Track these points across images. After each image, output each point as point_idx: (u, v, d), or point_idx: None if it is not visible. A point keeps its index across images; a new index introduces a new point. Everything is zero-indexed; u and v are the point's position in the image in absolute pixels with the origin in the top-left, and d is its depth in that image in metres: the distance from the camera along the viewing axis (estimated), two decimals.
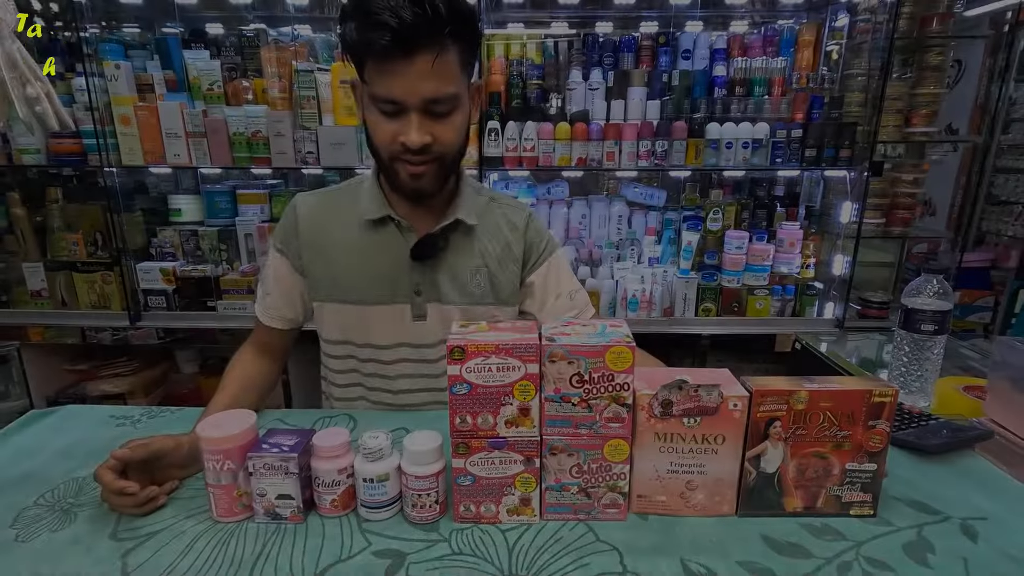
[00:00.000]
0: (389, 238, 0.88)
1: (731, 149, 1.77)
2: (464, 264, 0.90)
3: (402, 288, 0.89)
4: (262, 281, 0.96)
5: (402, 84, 0.73)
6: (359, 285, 0.89)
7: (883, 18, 1.71)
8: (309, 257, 0.90)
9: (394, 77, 0.72)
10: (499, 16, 2.03)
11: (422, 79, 0.72)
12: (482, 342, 0.59)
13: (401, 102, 0.74)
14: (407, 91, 0.73)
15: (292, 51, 1.78)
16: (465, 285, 0.90)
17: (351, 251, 0.89)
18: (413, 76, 0.72)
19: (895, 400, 0.61)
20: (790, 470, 0.64)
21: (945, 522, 0.64)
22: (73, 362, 2.03)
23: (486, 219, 0.93)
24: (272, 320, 0.95)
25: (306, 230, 0.90)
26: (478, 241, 0.91)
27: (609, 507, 0.65)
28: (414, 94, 0.73)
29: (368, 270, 0.88)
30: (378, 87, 0.74)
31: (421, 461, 0.63)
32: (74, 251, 1.91)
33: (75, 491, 0.70)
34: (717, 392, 0.62)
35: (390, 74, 0.72)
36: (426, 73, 0.72)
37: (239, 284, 1.86)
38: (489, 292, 0.92)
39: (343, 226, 0.89)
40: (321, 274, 0.90)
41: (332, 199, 0.93)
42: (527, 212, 0.96)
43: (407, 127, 0.75)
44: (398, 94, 0.73)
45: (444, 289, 0.90)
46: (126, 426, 0.88)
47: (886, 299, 1.87)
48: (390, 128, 0.77)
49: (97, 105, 1.73)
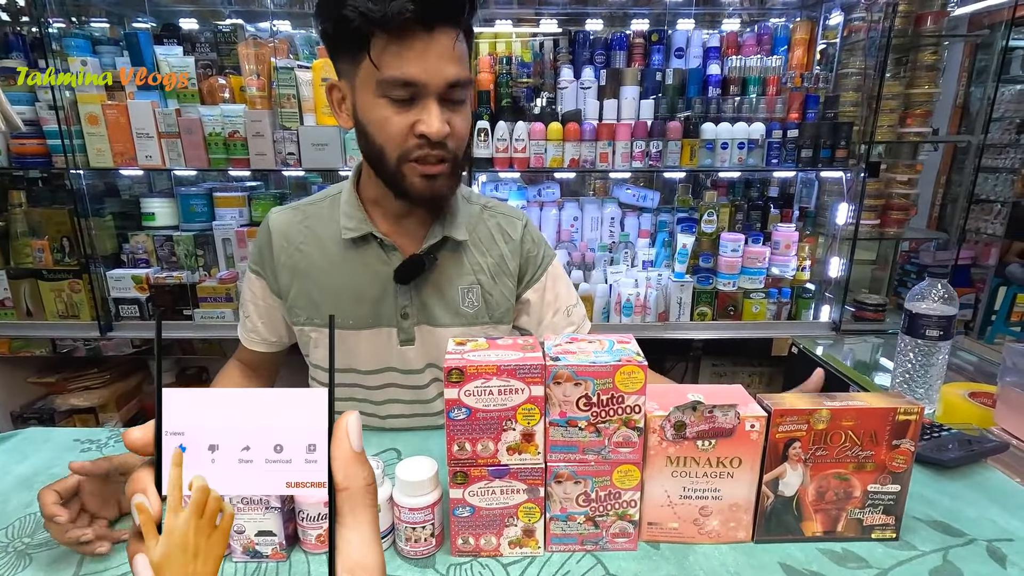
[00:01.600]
0: (371, 258, 0.81)
1: (726, 149, 1.74)
2: (455, 283, 0.83)
3: (387, 311, 0.82)
4: (242, 304, 0.90)
5: (423, 63, 0.65)
6: (340, 309, 0.81)
7: (878, 16, 1.69)
8: (285, 280, 0.83)
9: (415, 55, 0.65)
10: (487, 13, 1.98)
11: (444, 59, 0.66)
12: (482, 363, 0.54)
13: (422, 84, 0.66)
14: (430, 72, 0.66)
15: (271, 47, 1.71)
16: (456, 305, 0.84)
17: (330, 273, 0.81)
18: (435, 55, 0.66)
19: (920, 418, 0.58)
20: (809, 493, 0.60)
21: (971, 545, 0.61)
22: (40, 374, 1.93)
23: (478, 230, 0.86)
24: (254, 344, 0.89)
25: (281, 251, 0.82)
26: (469, 256, 0.85)
27: (618, 536, 0.61)
28: (438, 75, 0.66)
29: (349, 293, 0.81)
30: (392, 68, 0.66)
31: (415, 492, 0.58)
32: (39, 258, 1.81)
33: (32, 528, 0.64)
34: (734, 412, 0.57)
35: (410, 52, 0.65)
36: (448, 53, 0.66)
37: (217, 292, 1.78)
38: (484, 311, 0.85)
39: (320, 245, 0.82)
40: (299, 298, 0.83)
41: (307, 214, 0.84)
42: (522, 221, 0.89)
43: (426, 114, 0.67)
44: (419, 74, 0.66)
45: (434, 311, 0.83)
46: (92, 451, 0.81)
47: (882, 302, 1.86)
48: (403, 119, 0.68)
49: (62, 103, 1.64)
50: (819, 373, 0.81)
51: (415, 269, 0.79)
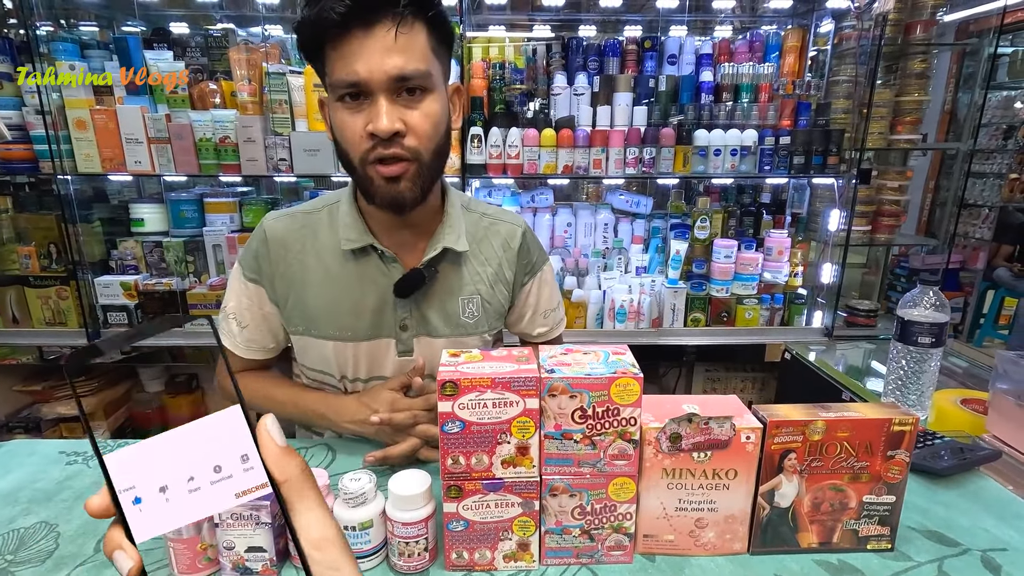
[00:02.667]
0: (371, 269, 0.80)
1: (719, 156, 1.75)
2: (455, 294, 0.83)
3: (387, 323, 0.81)
4: (234, 313, 0.84)
5: (364, 60, 0.65)
6: (340, 320, 0.80)
7: (869, 24, 1.71)
8: (283, 289, 0.82)
9: (354, 54, 0.65)
10: (480, 18, 1.98)
11: (385, 53, 0.65)
12: (476, 375, 0.54)
13: (364, 82, 0.66)
14: (370, 67, 0.65)
15: (263, 52, 1.70)
16: (457, 317, 0.84)
17: (329, 283, 0.80)
18: (375, 50, 0.65)
19: (915, 429, 0.58)
20: (805, 504, 0.60)
21: (965, 555, 0.61)
22: (26, 382, 1.90)
23: (478, 240, 0.85)
24: (252, 352, 0.87)
25: (280, 259, 0.81)
26: (469, 266, 0.84)
27: (614, 549, 0.60)
28: (379, 70, 0.65)
29: (349, 305, 0.80)
30: (338, 71, 0.66)
31: (408, 506, 0.57)
32: (26, 264, 1.78)
33: (15, 545, 0.63)
34: (729, 424, 0.57)
35: (350, 52, 0.65)
36: (389, 46, 0.65)
37: (207, 298, 1.76)
38: (483, 321, 0.86)
39: (319, 254, 0.81)
40: (297, 307, 0.82)
41: (304, 222, 0.82)
42: (522, 229, 0.89)
43: (375, 114, 0.67)
44: (361, 72, 0.65)
45: (434, 323, 0.83)
46: (78, 463, 0.80)
47: (873, 307, 1.87)
48: (357, 121, 0.68)
49: (49, 108, 1.62)
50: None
51: (415, 283, 0.79)
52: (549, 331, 0.96)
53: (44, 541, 0.63)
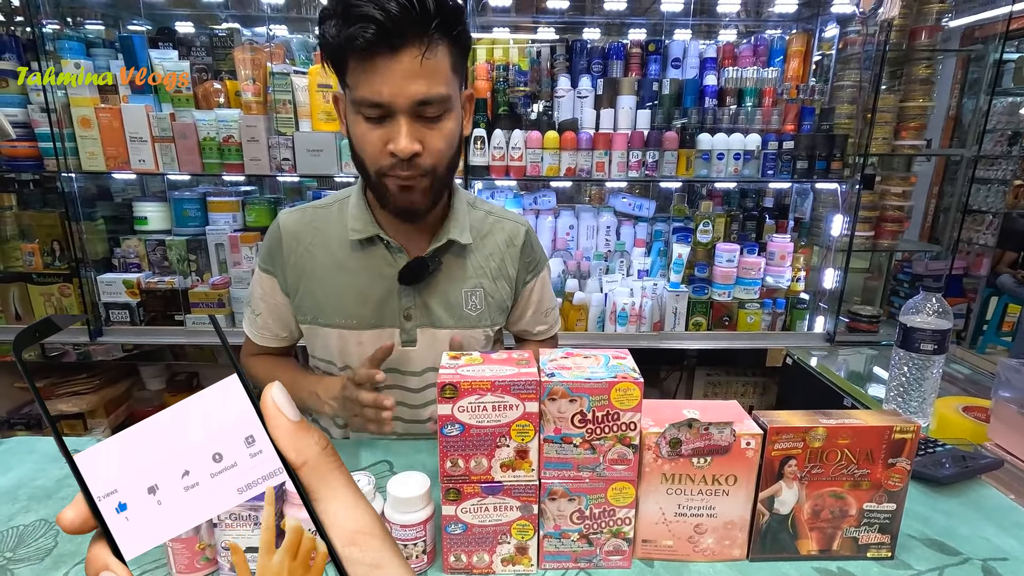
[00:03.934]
0: (377, 259, 0.82)
1: (722, 160, 1.74)
2: (458, 286, 0.85)
3: (391, 312, 0.83)
4: (252, 301, 0.90)
5: (389, 84, 0.66)
6: (345, 309, 0.83)
7: (873, 29, 1.71)
8: (293, 280, 0.85)
9: (379, 76, 0.66)
10: (484, 20, 1.99)
11: (410, 78, 0.66)
12: (476, 378, 0.54)
13: (388, 104, 0.68)
14: (394, 91, 0.67)
15: (267, 52, 1.70)
16: (460, 308, 0.85)
17: (337, 273, 0.83)
18: (400, 75, 0.66)
19: (917, 437, 0.58)
20: (805, 511, 0.60)
21: (965, 564, 0.61)
22: None
23: (482, 235, 0.88)
24: (266, 340, 0.91)
25: (291, 251, 0.84)
26: (473, 260, 0.86)
27: (612, 554, 0.60)
28: (402, 95, 0.67)
29: (355, 293, 0.82)
30: (362, 89, 0.68)
31: (407, 508, 0.57)
32: (29, 261, 1.79)
33: (14, 543, 0.63)
34: (729, 430, 0.57)
35: (375, 73, 0.66)
36: (414, 72, 0.66)
37: (209, 297, 1.76)
38: (486, 314, 0.87)
39: (328, 246, 0.84)
40: (306, 296, 0.84)
41: (316, 216, 0.86)
42: (524, 228, 0.91)
43: (395, 133, 0.69)
44: (385, 95, 0.67)
45: (437, 313, 0.84)
46: None
47: (876, 313, 1.86)
48: (377, 137, 0.70)
49: (54, 106, 1.62)
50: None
51: (420, 271, 0.81)
52: (548, 329, 0.99)
53: (43, 539, 0.63)
